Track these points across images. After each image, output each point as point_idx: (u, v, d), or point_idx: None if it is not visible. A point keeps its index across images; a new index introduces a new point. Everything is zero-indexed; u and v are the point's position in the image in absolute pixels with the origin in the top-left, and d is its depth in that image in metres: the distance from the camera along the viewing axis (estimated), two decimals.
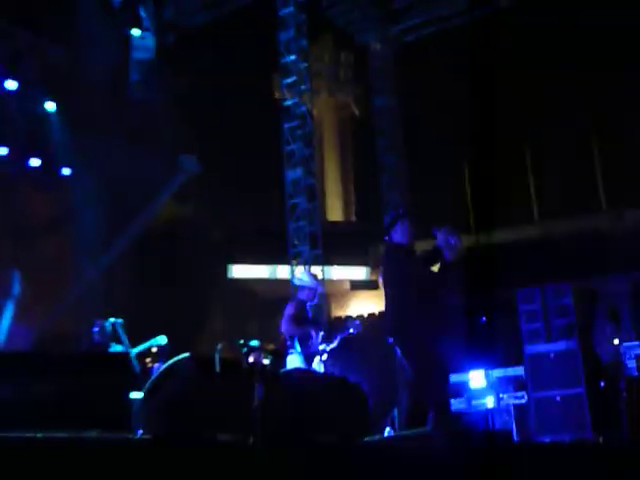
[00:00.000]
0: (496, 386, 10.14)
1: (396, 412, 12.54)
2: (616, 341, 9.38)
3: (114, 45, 12.36)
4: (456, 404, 10.09)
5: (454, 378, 10.44)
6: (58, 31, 13.03)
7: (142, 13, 12.20)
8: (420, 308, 6.13)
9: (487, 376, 10.18)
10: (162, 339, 8.59)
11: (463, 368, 10.37)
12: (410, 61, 15.54)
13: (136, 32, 12.16)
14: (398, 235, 6.38)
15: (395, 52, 15.40)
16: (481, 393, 10.15)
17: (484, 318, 10.73)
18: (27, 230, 12.70)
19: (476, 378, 10.20)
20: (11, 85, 12.11)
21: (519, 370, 10.11)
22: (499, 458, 4.95)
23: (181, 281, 14.79)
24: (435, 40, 15.10)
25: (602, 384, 9.37)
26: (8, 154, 12.61)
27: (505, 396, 10.01)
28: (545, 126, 16.31)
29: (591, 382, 9.42)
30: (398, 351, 6.49)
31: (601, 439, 8.86)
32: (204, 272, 16.25)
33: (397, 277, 6.47)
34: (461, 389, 10.36)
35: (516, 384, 10.07)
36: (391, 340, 6.61)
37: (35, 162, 12.99)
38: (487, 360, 10.39)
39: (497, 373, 10.22)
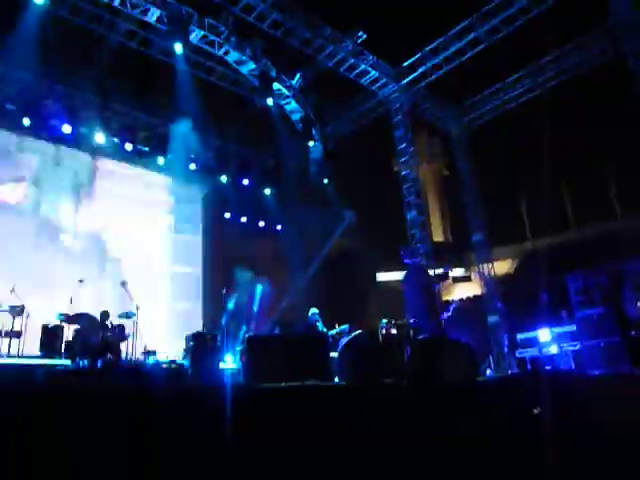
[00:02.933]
0: (558, 339, 9.39)
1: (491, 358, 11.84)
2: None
3: (299, 152, 12.81)
4: (532, 352, 9.50)
5: (529, 334, 9.84)
6: (269, 148, 13.74)
7: (314, 132, 12.52)
8: (425, 303, 6.45)
9: (551, 332, 9.47)
10: (346, 327, 8.73)
11: (534, 328, 9.73)
12: (479, 136, 14.88)
13: (311, 143, 12.49)
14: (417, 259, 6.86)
15: (468, 133, 14.83)
16: (548, 344, 9.45)
17: (545, 295, 10.01)
18: (260, 261, 13.25)
19: (544, 334, 9.52)
20: (245, 182, 12.88)
21: (573, 327, 9.30)
22: (563, 385, 4.71)
23: (349, 285, 14.94)
24: (494, 121, 14.46)
25: (632, 333, 8.47)
26: (247, 220, 13.46)
27: (565, 345, 9.23)
28: (574, 169, 15.11)
29: (624, 333, 8.51)
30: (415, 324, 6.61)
31: (636, 370, 8.00)
32: (362, 279, 16.31)
33: (416, 284, 6.74)
34: (534, 342, 9.69)
35: (572, 336, 9.28)
36: (412, 319, 6.76)
37: (261, 223, 13.71)
38: (550, 321, 9.67)
39: (558, 330, 9.47)
